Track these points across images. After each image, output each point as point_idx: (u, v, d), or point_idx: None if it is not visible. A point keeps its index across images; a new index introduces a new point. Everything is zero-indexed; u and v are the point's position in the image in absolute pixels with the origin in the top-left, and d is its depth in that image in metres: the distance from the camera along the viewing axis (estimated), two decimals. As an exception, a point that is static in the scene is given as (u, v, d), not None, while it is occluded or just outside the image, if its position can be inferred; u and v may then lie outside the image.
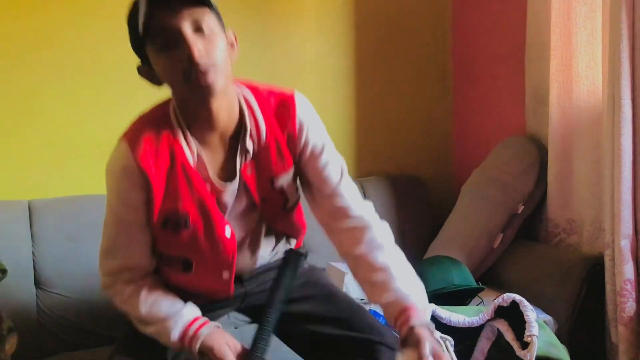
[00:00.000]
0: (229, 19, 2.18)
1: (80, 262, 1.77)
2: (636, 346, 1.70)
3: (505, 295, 1.51)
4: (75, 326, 1.77)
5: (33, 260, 1.77)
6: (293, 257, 1.23)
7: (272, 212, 1.25)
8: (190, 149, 1.13)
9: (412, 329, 1.09)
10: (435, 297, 1.78)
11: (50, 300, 1.77)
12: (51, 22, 1.96)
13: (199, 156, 1.14)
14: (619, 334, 1.70)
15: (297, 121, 1.19)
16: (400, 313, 1.13)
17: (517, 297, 1.48)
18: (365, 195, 2.30)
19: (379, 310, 1.28)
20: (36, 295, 1.77)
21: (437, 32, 2.57)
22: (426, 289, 1.21)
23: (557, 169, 2.00)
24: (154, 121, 1.14)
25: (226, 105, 1.13)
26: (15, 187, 1.93)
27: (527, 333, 1.39)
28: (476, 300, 1.90)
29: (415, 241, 2.25)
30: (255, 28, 2.25)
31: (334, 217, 1.24)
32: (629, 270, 1.68)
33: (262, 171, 1.20)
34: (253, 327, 1.19)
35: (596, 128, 1.87)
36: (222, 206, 1.18)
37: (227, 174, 1.18)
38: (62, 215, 1.84)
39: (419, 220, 2.34)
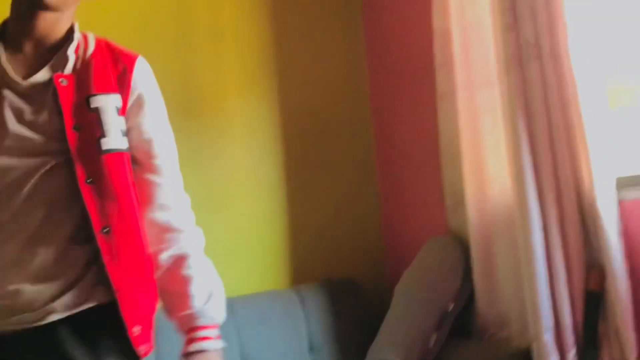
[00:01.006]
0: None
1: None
2: None
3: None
4: None
5: None
6: None
7: (84, 148, 1.07)
8: None
9: (203, 352, 1.09)
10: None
11: None
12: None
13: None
14: None
15: (135, 67, 1.17)
16: (193, 330, 1.12)
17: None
18: (303, 303, 2.34)
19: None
20: None
21: (360, 137, 2.70)
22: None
23: (481, 266, 2.09)
24: None
25: (53, 19, 1.09)
26: None
27: None
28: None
29: (354, 346, 2.27)
30: (187, 148, 2.29)
31: (145, 200, 1.15)
32: (554, 363, 1.75)
33: (80, 88, 1.10)
34: None
35: (512, 226, 1.99)
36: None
37: (32, 74, 1.08)
38: None
39: (356, 324, 2.36)
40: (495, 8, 1.92)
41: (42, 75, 1.08)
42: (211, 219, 2.28)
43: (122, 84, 1.14)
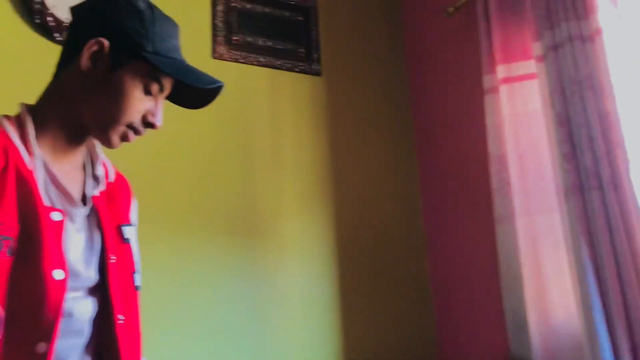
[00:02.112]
0: (217, 257, 2.31)
1: None
2: None
3: None
4: None
5: None
6: None
7: (120, 281, 1.05)
8: (30, 154, 0.98)
9: None
10: None
11: None
12: None
13: (47, 168, 1.01)
14: None
15: (132, 195, 1.21)
16: None
17: None
18: None
19: None
20: None
21: (414, 259, 2.72)
22: None
23: (547, 396, 2.01)
24: None
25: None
26: None
27: None
28: None
29: None
30: (242, 264, 2.36)
31: None
32: None
33: (112, 211, 1.09)
34: None
35: (579, 354, 1.93)
36: (59, 238, 0.97)
37: (75, 200, 1.04)
38: None
39: None
40: (551, 138, 1.98)
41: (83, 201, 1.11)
42: (265, 336, 2.29)
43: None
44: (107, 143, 1.06)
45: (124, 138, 1.06)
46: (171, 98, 1.15)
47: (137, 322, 1.11)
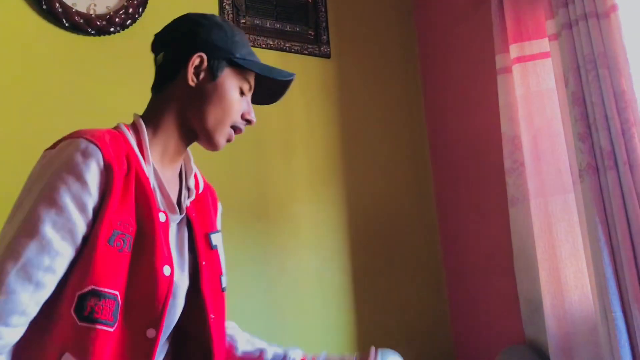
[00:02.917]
0: (229, 240, 2.30)
1: None
2: None
3: None
4: None
5: None
6: None
7: (211, 284, 1.18)
8: (145, 160, 1.10)
9: None
10: None
11: None
12: None
13: (156, 174, 1.13)
14: None
15: (218, 201, 1.36)
16: None
17: None
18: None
19: None
20: None
21: (426, 243, 2.71)
22: None
23: (561, 378, 2.00)
24: (107, 131, 1.09)
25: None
26: None
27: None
28: None
29: None
30: (254, 250, 2.36)
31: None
32: None
33: (201, 220, 1.21)
34: None
35: (594, 336, 1.91)
36: (167, 238, 1.10)
37: (174, 206, 1.16)
38: None
39: None
40: (565, 118, 1.95)
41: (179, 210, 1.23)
42: (278, 321, 2.29)
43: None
44: (215, 146, 1.20)
45: (229, 139, 1.21)
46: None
47: (224, 319, 1.25)
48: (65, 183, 0.98)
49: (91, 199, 0.99)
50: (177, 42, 1.20)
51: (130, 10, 2.13)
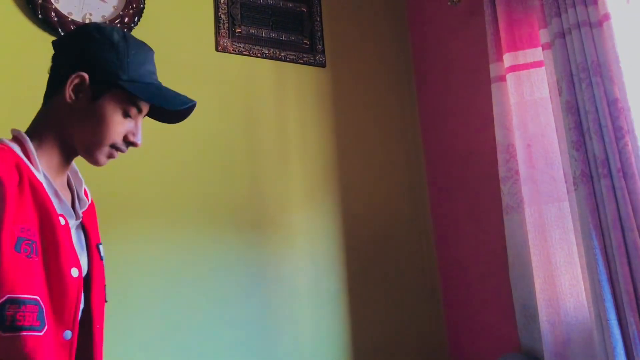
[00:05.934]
0: (224, 251, 2.29)
1: None
2: None
3: None
4: None
5: None
6: None
7: (98, 294, 1.19)
8: (35, 167, 1.10)
9: None
10: None
11: None
12: None
13: (48, 181, 1.12)
14: None
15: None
16: None
17: None
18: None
19: None
20: None
21: (420, 250, 2.71)
22: None
23: (557, 386, 2.00)
24: None
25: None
26: None
27: None
28: None
29: None
30: (249, 258, 2.35)
31: None
32: None
33: (93, 230, 1.22)
34: None
35: (589, 343, 1.92)
36: (70, 241, 1.11)
37: (72, 212, 1.17)
38: None
39: None
40: (559, 126, 1.96)
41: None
42: (273, 328, 2.29)
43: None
44: (95, 162, 1.19)
45: (110, 156, 1.19)
46: (151, 115, 1.26)
47: (103, 329, 1.25)
48: None
49: None
50: (64, 55, 1.18)
51: (126, 19, 2.14)
